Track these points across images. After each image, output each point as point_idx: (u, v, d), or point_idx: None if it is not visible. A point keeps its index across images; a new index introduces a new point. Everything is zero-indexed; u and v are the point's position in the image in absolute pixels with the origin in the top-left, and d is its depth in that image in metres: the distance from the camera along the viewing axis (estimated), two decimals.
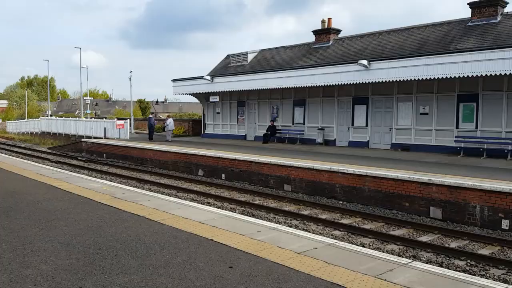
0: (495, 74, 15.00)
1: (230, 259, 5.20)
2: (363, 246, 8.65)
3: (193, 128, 33.36)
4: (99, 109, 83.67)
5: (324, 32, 25.19)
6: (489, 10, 18.49)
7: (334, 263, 5.07)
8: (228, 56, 30.99)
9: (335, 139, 22.51)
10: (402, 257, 8.07)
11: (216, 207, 11.64)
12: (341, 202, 13.24)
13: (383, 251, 8.37)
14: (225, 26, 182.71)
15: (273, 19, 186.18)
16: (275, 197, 13.83)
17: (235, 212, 11.12)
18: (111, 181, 15.47)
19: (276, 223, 10.09)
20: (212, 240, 6.01)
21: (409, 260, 5.25)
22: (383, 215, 11.48)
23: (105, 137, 29.62)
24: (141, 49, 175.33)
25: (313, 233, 9.54)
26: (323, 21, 25.54)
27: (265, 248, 5.63)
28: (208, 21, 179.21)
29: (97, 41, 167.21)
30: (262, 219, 10.69)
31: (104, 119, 36.74)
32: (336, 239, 8.20)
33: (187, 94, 29.95)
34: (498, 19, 18.22)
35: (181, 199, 12.71)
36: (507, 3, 18.75)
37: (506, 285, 4.53)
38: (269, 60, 27.12)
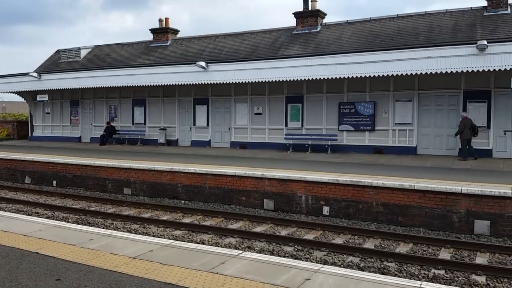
0: (316, 78, 16.90)
1: (58, 271, 4.85)
2: (203, 243, 8.92)
3: (19, 130, 29.77)
4: None
5: (163, 32, 25.03)
6: (311, 20, 20.69)
7: (169, 263, 5.13)
8: (58, 51, 28.48)
9: (177, 139, 22.59)
10: (239, 248, 8.58)
11: (46, 217, 10.69)
12: (183, 201, 13.39)
13: (220, 245, 8.76)
14: (58, 20, 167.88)
15: (110, 15, 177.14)
16: (114, 202, 13.29)
17: (67, 221, 10.38)
18: None
19: (114, 229, 9.74)
20: (37, 253, 5.51)
21: (240, 252, 5.62)
22: (223, 211, 11.98)
23: None
24: None
25: (153, 235, 9.48)
26: (160, 20, 25.34)
27: (97, 256, 5.39)
28: (37, 13, 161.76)
29: None
30: (99, 226, 10.22)
31: None
32: (176, 239, 8.31)
33: (10, 92, 26.55)
34: (319, 28, 20.52)
35: (4, 210, 11.36)
36: (326, 14, 21.24)
37: (321, 265, 5.17)
38: (105, 57, 25.80)
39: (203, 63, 18.63)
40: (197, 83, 19.35)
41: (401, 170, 12.97)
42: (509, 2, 16.30)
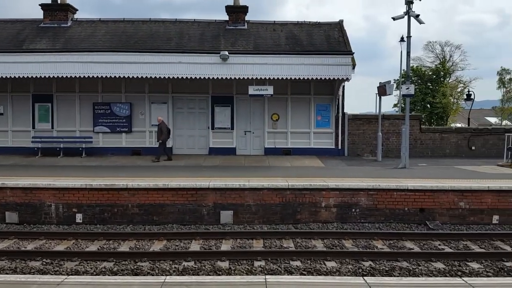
0: (67, 76, 15.86)
1: None
2: None
3: None
4: None
5: None
6: (60, 15, 19.14)
7: None
8: None
9: None
10: None
11: None
12: None
13: None
14: None
15: None
16: None
17: None
18: None
19: None
20: None
21: None
22: None
23: None
24: None
25: None
26: None
27: None
28: None
29: None
30: None
31: None
32: None
33: None
34: (69, 24, 19.15)
35: None
36: (77, 10, 20.02)
37: (65, 276, 4.92)
38: None
39: None
40: None
41: (159, 170, 13.43)
42: (246, 19, 18.72)
